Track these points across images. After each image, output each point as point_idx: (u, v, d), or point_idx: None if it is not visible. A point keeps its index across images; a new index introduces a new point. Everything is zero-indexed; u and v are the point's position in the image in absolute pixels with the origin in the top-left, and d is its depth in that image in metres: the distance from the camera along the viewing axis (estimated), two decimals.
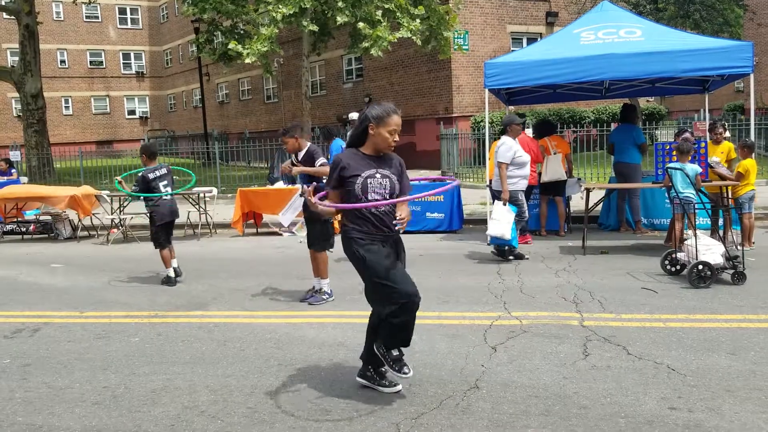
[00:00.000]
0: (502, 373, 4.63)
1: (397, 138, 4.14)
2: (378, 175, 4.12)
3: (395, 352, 4.16)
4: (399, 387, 4.31)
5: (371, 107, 4.14)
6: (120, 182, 8.60)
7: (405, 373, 4.12)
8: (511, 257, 8.58)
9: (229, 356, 5.22)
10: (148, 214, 8.25)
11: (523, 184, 8.83)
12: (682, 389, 4.24)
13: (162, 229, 8.06)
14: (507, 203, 8.51)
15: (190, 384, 4.65)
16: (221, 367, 4.97)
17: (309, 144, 6.96)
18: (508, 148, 8.67)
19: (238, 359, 5.13)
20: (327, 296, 6.84)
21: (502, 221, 8.35)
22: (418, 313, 5.81)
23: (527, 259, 8.60)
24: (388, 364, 4.17)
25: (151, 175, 8.03)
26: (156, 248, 8.08)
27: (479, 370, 4.69)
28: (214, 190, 12.99)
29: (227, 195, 16.69)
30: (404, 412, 4.03)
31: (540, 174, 10.38)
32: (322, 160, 6.78)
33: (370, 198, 4.08)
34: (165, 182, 8.14)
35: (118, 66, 47.30)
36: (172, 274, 8.04)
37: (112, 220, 12.05)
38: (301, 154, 6.87)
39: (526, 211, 9.15)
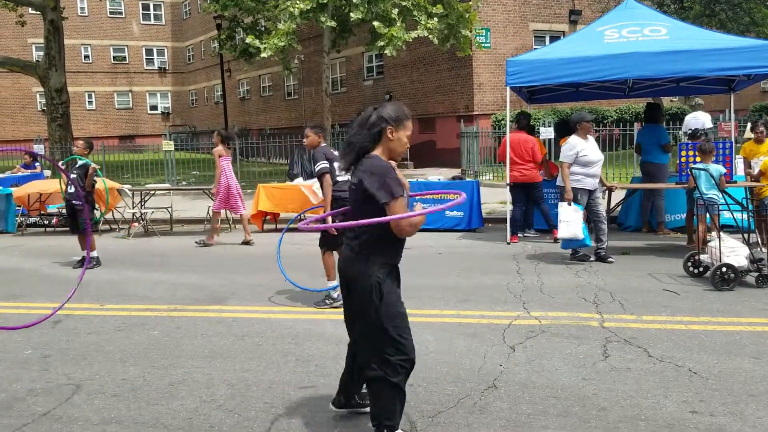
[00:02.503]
0: (521, 373, 4.59)
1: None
2: None
3: None
4: None
5: (384, 107, 3.58)
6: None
7: None
8: (574, 260, 8.36)
9: (247, 351, 5.23)
10: (85, 203, 8.70)
11: (588, 183, 8.39)
12: (703, 393, 4.18)
13: None
14: (572, 203, 8.21)
15: (208, 378, 4.67)
16: (239, 361, 4.98)
17: (321, 144, 6.92)
18: (570, 147, 8.37)
19: (256, 354, 5.14)
20: (330, 301, 6.63)
21: (571, 222, 8.09)
22: (437, 311, 5.76)
23: (593, 260, 8.32)
24: None
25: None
26: (77, 232, 9.03)
27: (497, 369, 4.66)
28: None
29: (247, 191, 16.76)
30: (421, 410, 4.02)
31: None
32: (320, 164, 6.59)
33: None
34: None
35: (141, 61, 47.68)
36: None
37: (133, 214, 12.16)
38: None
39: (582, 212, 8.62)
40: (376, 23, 15.99)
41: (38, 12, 23.36)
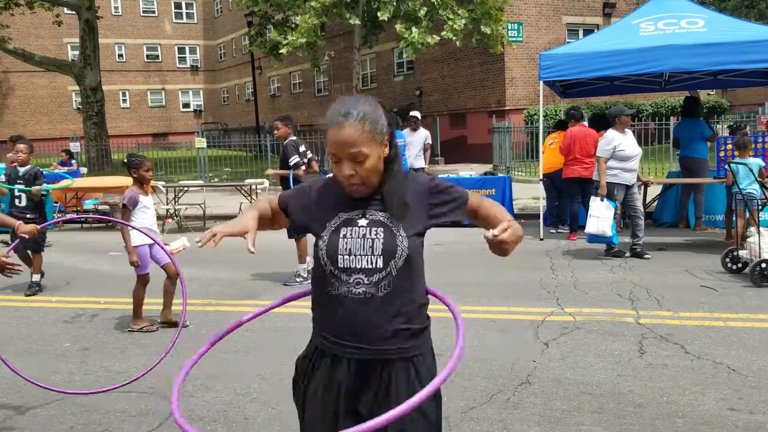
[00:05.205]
0: (555, 369, 4.55)
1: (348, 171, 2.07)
2: None
3: None
4: None
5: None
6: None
7: None
8: (609, 256, 8.27)
9: (280, 345, 5.26)
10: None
11: (625, 178, 8.23)
12: (742, 390, 4.09)
13: None
14: (605, 199, 8.12)
15: (241, 371, 4.71)
16: (272, 355, 5.02)
17: (291, 137, 7.57)
18: (608, 141, 8.23)
19: (288, 348, 5.15)
20: (301, 279, 7.35)
21: (601, 218, 8.01)
22: (469, 308, 5.72)
23: (628, 256, 8.22)
24: None
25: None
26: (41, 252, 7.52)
27: (531, 365, 4.62)
28: (266, 182, 13.13)
29: (278, 187, 16.87)
30: (454, 405, 4.00)
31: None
32: (294, 158, 7.50)
33: None
34: None
35: (174, 60, 48.25)
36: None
37: (167, 210, 12.31)
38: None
39: (618, 208, 8.56)
40: (398, 26, 15.90)
41: (74, 12, 23.79)
